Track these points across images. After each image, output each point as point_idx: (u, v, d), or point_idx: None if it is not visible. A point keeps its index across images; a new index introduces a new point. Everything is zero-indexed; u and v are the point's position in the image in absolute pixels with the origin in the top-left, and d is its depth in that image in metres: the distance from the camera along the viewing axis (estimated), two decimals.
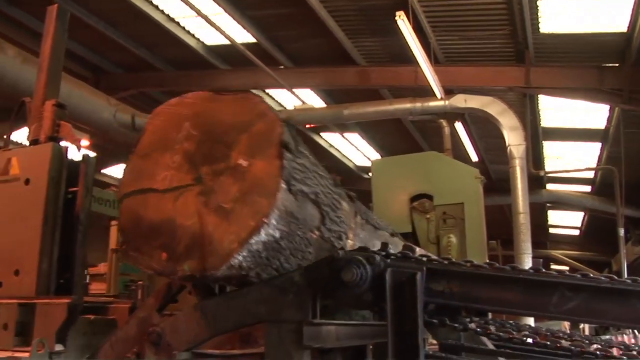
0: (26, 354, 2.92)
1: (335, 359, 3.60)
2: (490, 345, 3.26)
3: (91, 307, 3.27)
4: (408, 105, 13.97)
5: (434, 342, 3.61)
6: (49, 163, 3.77)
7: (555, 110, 15.78)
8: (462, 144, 16.78)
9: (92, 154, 3.99)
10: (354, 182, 23.48)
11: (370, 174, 9.80)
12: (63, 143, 4.01)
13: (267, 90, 15.92)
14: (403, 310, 2.21)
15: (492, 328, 2.61)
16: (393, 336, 2.21)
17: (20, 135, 4.37)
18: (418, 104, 13.82)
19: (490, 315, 3.22)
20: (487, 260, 2.57)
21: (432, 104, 13.70)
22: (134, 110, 13.95)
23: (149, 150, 2.72)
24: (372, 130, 18.92)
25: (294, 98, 15.29)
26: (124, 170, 2.79)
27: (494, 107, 13.19)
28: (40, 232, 3.65)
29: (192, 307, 2.68)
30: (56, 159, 3.82)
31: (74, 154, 3.97)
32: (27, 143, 4.12)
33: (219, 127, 2.58)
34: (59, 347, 3.06)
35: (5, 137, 4.52)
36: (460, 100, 13.46)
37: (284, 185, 2.39)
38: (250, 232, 2.34)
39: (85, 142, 15.15)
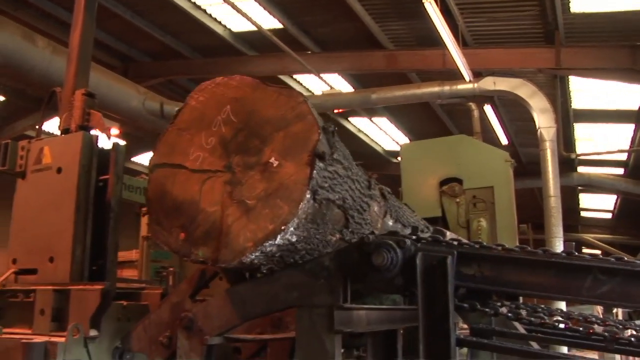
0: (62, 339, 2.98)
1: (365, 343, 3.61)
2: (521, 330, 3.24)
3: (124, 293, 3.31)
4: (436, 89, 13.85)
5: (465, 326, 3.60)
6: (80, 152, 3.83)
7: (586, 91, 15.51)
8: (492, 127, 16.61)
9: (122, 142, 4.04)
10: (382, 167, 23.42)
11: (399, 158, 9.74)
12: (93, 132, 4.06)
13: (294, 76, 15.91)
14: (434, 294, 2.21)
15: (524, 312, 2.59)
16: (424, 320, 2.21)
17: (52, 125, 4.43)
18: (446, 87, 13.68)
19: (521, 299, 3.20)
20: (518, 244, 2.54)
21: (461, 87, 13.56)
22: (162, 98, 14.06)
23: (187, 125, 2.73)
24: (401, 114, 18.80)
25: (322, 83, 15.24)
26: (159, 140, 2.80)
27: (523, 89, 13.01)
28: (73, 219, 3.72)
29: (223, 293, 2.70)
30: (87, 148, 3.88)
31: (104, 142, 4.02)
32: (58, 132, 4.18)
33: (258, 119, 2.57)
34: (93, 332, 3.12)
35: (37, 127, 4.59)
36: (489, 83, 13.29)
37: (309, 195, 2.36)
38: (267, 236, 2.35)
39: (115, 131, 15.33)
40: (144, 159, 21.04)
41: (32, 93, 15.64)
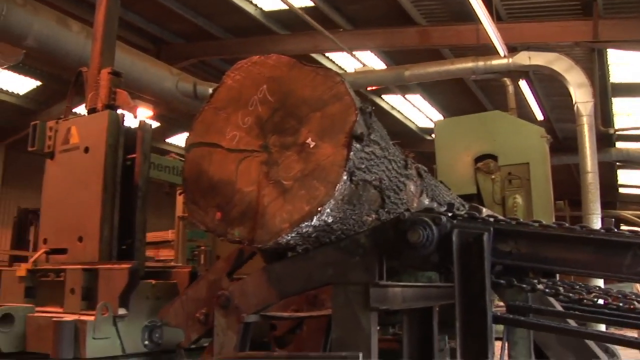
0: (92, 317, 3.03)
1: (401, 320, 3.61)
2: (558, 307, 3.20)
3: (152, 271, 3.35)
4: (470, 65, 13.67)
5: (501, 303, 3.57)
6: (107, 131, 3.86)
7: (625, 64, 15.15)
8: (527, 102, 16.36)
9: (149, 122, 4.05)
10: (416, 144, 23.26)
11: (433, 135, 9.66)
12: (120, 111, 4.08)
13: (326, 54, 15.83)
14: (470, 271, 2.20)
15: (561, 289, 2.56)
16: (460, 297, 2.20)
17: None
18: (480, 63, 13.49)
19: (557, 276, 3.16)
20: (555, 221, 2.51)
21: (495, 62, 13.35)
22: (195, 79, 14.12)
23: (223, 104, 2.72)
24: (434, 90, 18.62)
25: (354, 61, 15.14)
26: (195, 119, 2.80)
27: (559, 63, 12.76)
28: (100, 199, 3.76)
29: (259, 271, 2.72)
30: (113, 127, 3.90)
31: (131, 121, 4.05)
32: (85, 112, 4.23)
33: (295, 99, 2.55)
34: (122, 311, 3.16)
35: (65, 107, 4.64)
36: (524, 58, 13.06)
37: (345, 177, 2.36)
38: (303, 217, 2.35)
39: (148, 112, 15.49)
40: (177, 140, 21.24)
41: (68, 77, 15.81)
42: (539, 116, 17.66)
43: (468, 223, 2.31)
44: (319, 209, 2.34)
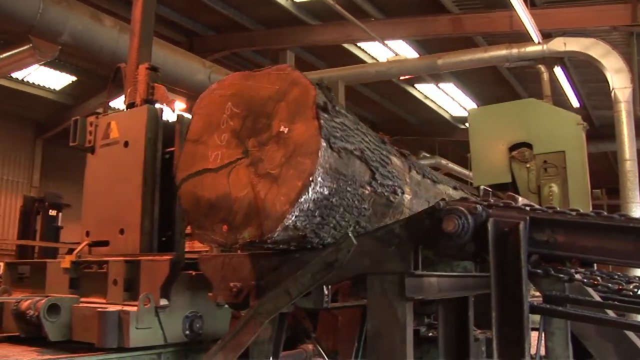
0: (134, 308, 3.10)
1: (436, 310, 3.61)
2: (596, 297, 3.18)
3: (193, 262, 3.40)
4: (504, 52, 13.51)
5: (537, 293, 3.55)
6: (145, 125, 3.92)
7: None
8: (563, 89, 16.11)
9: (187, 115, 4.11)
10: (450, 133, 23.12)
11: (467, 124, 9.61)
12: (158, 105, 4.14)
13: (358, 44, 15.78)
14: (506, 260, 2.19)
15: (599, 279, 2.54)
16: (496, 287, 2.20)
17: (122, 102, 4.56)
18: (514, 50, 13.33)
19: (595, 266, 3.13)
20: (592, 210, 2.48)
21: (530, 49, 13.18)
22: (227, 71, 14.19)
23: (198, 135, 2.86)
24: (468, 79, 18.44)
25: (386, 50, 15.08)
26: (178, 159, 2.95)
27: (596, 49, 12.53)
28: (140, 192, 3.83)
29: (294, 261, 2.74)
30: (152, 121, 3.97)
31: (169, 115, 4.11)
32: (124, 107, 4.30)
33: (258, 101, 2.71)
34: (163, 302, 3.22)
35: (104, 102, 4.73)
36: (560, 44, 12.86)
37: (324, 144, 2.47)
38: (299, 192, 2.42)
39: (182, 105, 15.63)
40: None
41: (102, 72, 16.08)
42: (575, 103, 17.39)
43: (504, 212, 2.30)
44: (310, 179, 2.42)
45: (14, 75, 17.01)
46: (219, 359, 2.77)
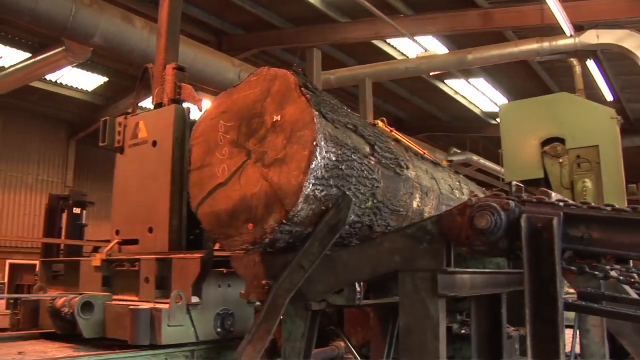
0: (166, 306, 3.12)
1: (469, 307, 3.58)
2: (633, 295, 3.12)
3: (223, 260, 3.42)
4: (535, 46, 13.35)
5: (570, 290, 3.50)
6: (173, 124, 3.95)
7: None
8: (596, 83, 15.85)
9: None
10: (481, 129, 22.92)
11: (498, 119, 9.51)
12: (185, 104, 4.17)
13: (388, 40, 15.71)
14: (540, 257, 2.16)
15: (636, 276, 2.49)
16: (530, 284, 2.17)
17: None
18: (546, 44, 13.16)
19: (631, 262, 3.07)
20: (628, 205, 2.43)
21: (561, 42, 13.00)
22: (256, 69, 14.21)
23: (200, 161, 2.97)
24: (498, 74, 18.25)
25: (416, 46, 14.99)
26: (189, 186, 3.00)
27: (630, 40, 12.29)
28: (169, 191, 3.86)
29: (325, 258, 2.74)
30: (179, 120, 4.00)
31: (197, 114, 4.13)
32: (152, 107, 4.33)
33: (246, 107, 2.87)
34: (195, 299, 3.24)
35: (133, 102, 4.79)
36: (592, 36, 12.66)
37: (316, 113, 2.64)
38: (308, 158, 2.53)
39: (208, 102, 15.73)
40: None
41: (133, 72, 16.24)
42: (609, 96, 17.09)
43: (537, 208, 2.27)
44: (314, 143, 2.55)
45: (48, 77, 17.29)
46: (249, 352, 2.79)
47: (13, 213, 20.21)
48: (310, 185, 2.53)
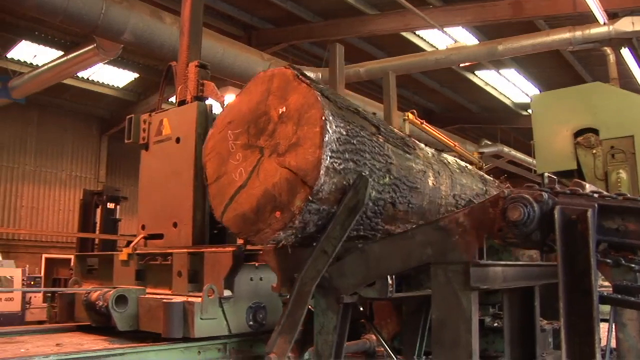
0: (199, 299, 3.15)
1: (501, 300, 3.55)
2: None
3: (255, 254, 3.44)
4: (567, 35, 13.12)
5: (605, 283, 3.44)
6: (196, 121, 4.00)
7: None
8: (631, 71, 15.54)
9: None
10: (512, 120, 22.66)
11: (529, 110, 9.39)
12: (208, 101, 4.20)
13: (417, 32, 15.61)
14: (574, 249, 2.13)
15: None
16: (564, 277, 2.14)
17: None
18: (578, 33, 12.93)
19: None
20: None
21: (594, 31, 12.76)
22: (286, 63, 14.22)
23: (217, 173, 3.02)
24: (530, 64, 18.03)
25: (446, 37, 14.86)
26: (210, 200, 3.04)
27: None
28: (192, 186, 3.90)
29: (358, 251, 2.74)
30: (202, 117, 4.04)
31: (220, 110, 4.16)
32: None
33: (250, 111, 2.96)
34: (227, 293, 3.26)
35: (158, 100, 4.85)
36: (627, 24, 12.39)
37: (319, 93, 2.75)
38: (321, 132, 2.62)
39: (232, 96, 15.79)
40: None
41: (163, 68, 16.32)
42: None
43: (571, 199, 2.24)
44: (322, 118, 2.64)
45: (80, 74, 17.53)
46: (279, 344, 2.82)
47: (48, 209, 20.58)
48: (328, 157, 2.61)
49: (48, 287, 16.00)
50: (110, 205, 13.67)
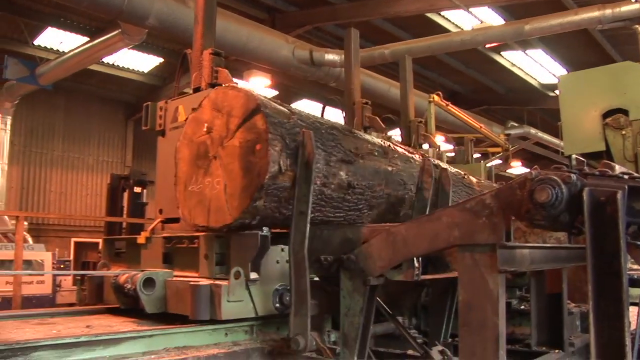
0: (225, 282, 3.17)
1: (528, 282, 3.52)
2: None
3: (283, 236, 3.44)
4: (596, 13, 12.87)
5: (635, 266, 3.41)
6: None
7: None
8: None
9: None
10: (538, 101, 22.38)
11: (557, 91, 9.26)
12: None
13: (442, 13, 15.44)
14: (603, 231, 2.10)
15: None
16: (593, 259, 2.12)
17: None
18: (608, 11, 12.67)
19: None
20: None
21: (625, 8, 12.50)
22: (311, 45, 14.23)
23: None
24: (557, 44, 17.74)
25: (471, 18, 14.67)
26: None
27: None
28: None
29: (384, 233, 2.74)
30: None
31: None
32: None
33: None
34: (254, 275, 3.28)
35: (174, 87, 4.90)
36: None
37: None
38: None
39: (267, 81, 15.80)
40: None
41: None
42: None
43: (600, 181, 2.21)
44: None
45: (106, 60, 17.66)
46: (297, 324, 2.89)
47: (76, 193, 20.87)
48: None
49: (77, 270, 16.25)
50: (137, 189, 13.80)
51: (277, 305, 3.36)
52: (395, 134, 10.13)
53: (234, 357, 3.06)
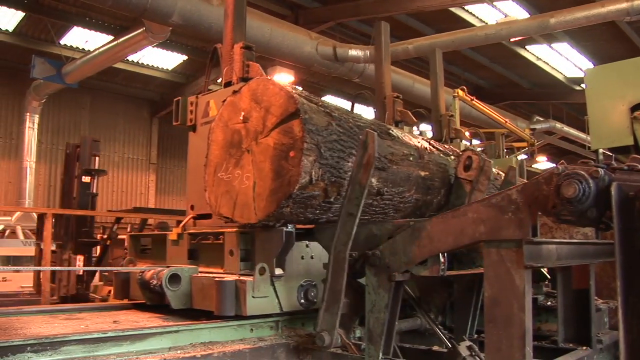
0: (250, 278, 3.18)
1: (555, 278, 3.49)
2: None
3: (307, 232, 3.45)
4: (624, 5, 12.66)
5: None
6: None
7: None
8: None
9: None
10: (564, 95, 22.12)
11: (583, 85, 9.14)
12: None
13: (466, 7, 15.32)
14: (632, 227, 2.07)
15: None
16: (621, 255, 2.08)
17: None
18: (636, 2, 12.44)
19: None
20: None
21: None
22: (334, 41, 14.21)
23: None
24: (583, 37, 17.51)
25: (496, 11, 14.55)
26: None
27: None
28: None
29: (410, 229, 2.72)
30: None
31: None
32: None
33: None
34: (278, 271, 3.29)
35: (205, 82, 4.90)
36: None
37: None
38: None
39: (290, 78, 15.81)
40: None
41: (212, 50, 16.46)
42: None
43: (629, 176, 2.18)
44: None
45: (130, 58, 17.80)
46: (326, 319, 2.86)
47: (102, 190, 21.04)
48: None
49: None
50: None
51: (302, 301, 3.37)
52: (426, 129, 10.09)
53: (259, 353, 3.07)
